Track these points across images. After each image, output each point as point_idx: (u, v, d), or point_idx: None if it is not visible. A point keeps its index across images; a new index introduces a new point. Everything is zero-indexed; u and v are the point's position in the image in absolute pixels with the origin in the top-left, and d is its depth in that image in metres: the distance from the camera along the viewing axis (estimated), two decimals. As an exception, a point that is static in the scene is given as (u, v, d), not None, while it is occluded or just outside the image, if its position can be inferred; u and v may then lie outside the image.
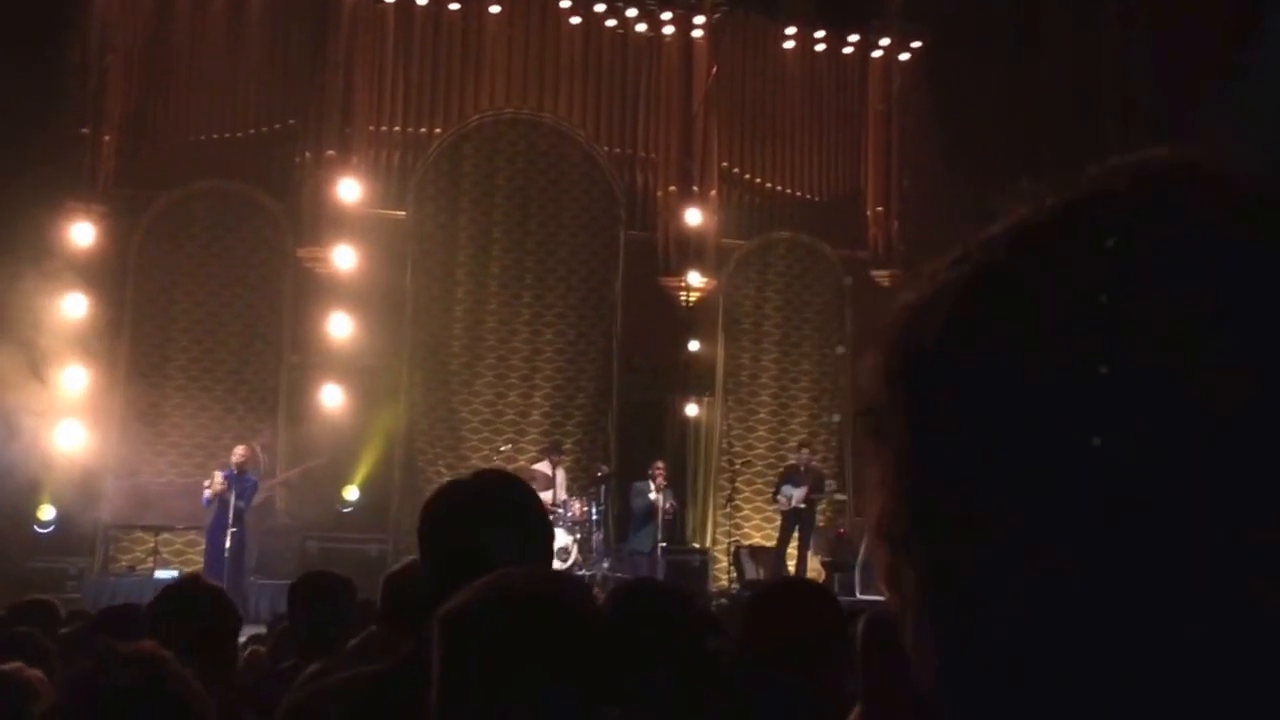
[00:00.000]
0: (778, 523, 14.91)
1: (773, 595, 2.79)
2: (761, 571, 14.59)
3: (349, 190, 15.15)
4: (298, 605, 4.17)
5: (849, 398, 16.48)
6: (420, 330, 15.49)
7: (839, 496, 15.42)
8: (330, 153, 15.43)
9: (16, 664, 2.84)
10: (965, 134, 16.48)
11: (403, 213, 15.58)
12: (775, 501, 14.72)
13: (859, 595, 14.31)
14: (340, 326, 14.81)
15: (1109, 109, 15.78)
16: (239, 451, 12.60)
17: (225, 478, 12.27)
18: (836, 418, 16.47)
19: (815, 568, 14.55)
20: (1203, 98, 10.46)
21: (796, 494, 14.46)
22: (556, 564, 12.67)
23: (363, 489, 14.31)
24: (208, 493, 12.22)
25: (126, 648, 1.83)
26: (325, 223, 15.20)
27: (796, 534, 14.58)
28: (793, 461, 15.17)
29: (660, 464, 13.99)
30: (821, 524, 15.60)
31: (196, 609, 3.23)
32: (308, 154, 15.45)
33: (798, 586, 2.98)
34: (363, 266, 15.00)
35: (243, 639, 4.70)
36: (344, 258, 14.96)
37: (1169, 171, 0.52)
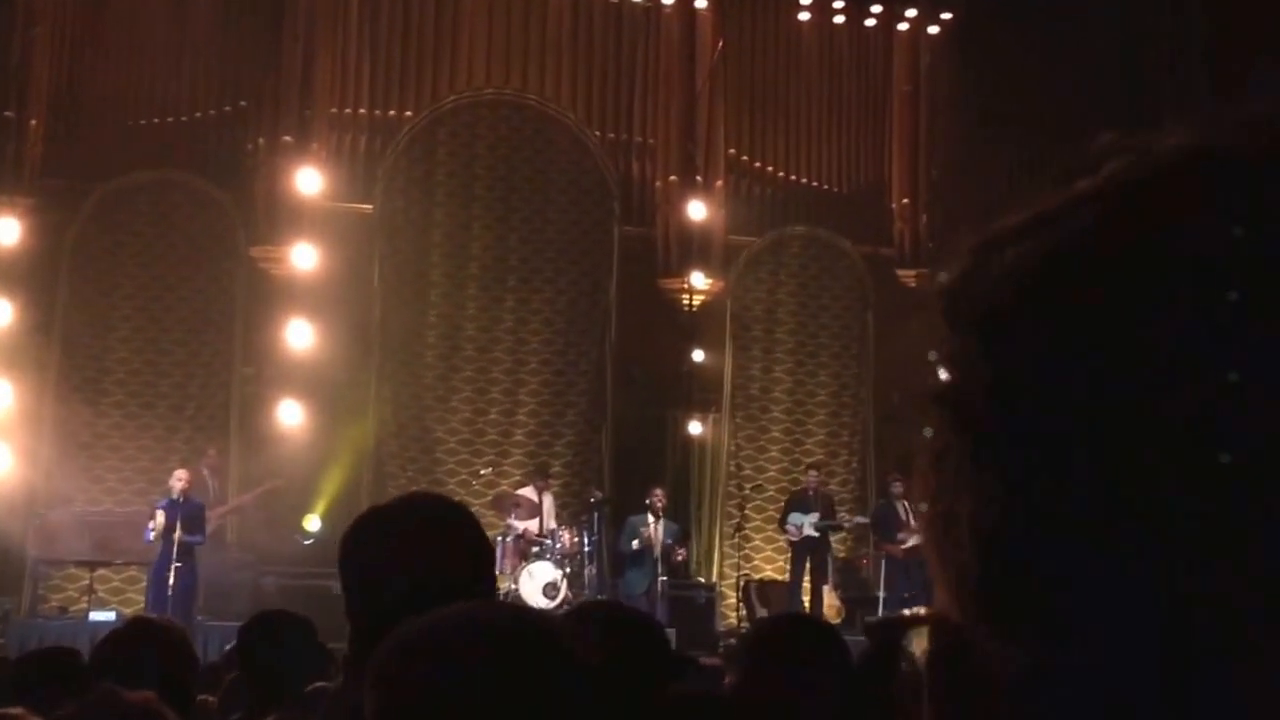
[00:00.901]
0: (790, 555, 14.86)
1: (765, 635, 2.79)
2: (771, 608, 14.54)
3: (309, 181, 15.14)
4: (250, 649, 4.14)
5: (871, 412, 16.47)
6: (390, 339, 15.48)
7: (859, 520, 15.37)
8: (287, 138, 15.42)
9: None
10: (1001, 117, 16.46)
11: (369, 206, 15.56)
12: (785, 532, 14.69)
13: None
14: (299, 335, 14.82)
15: (1159, 85, 15.76)
16: (179, 477, 12.53)
17: (162, 509, 12.20)
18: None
19: (833, 603, 14.51)
20: (1257, 69, 10.46)
21: (807, 521, 14.43)
22: (544, 602, 12.63)
23: (325, 518, 14.26)
24: (151, 534, 12.16)
25: (128, 696, 1.79)
26: (282, 217, 15.20)
27: (809, 567, 14.55)
28: (800, 486, 15.14)
29: (659, 491, 13.95)
30: (842, 554, 15.56)
31: (150, 655, 3.18)
32: (262, 140, 15.43)
33: (796, 626, 2.92)
34: (325, 267, 15.00)
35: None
36: (303, 257, 14.96)
37: None
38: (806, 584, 14.56)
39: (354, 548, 2.09)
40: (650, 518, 13.74)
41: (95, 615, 12.63)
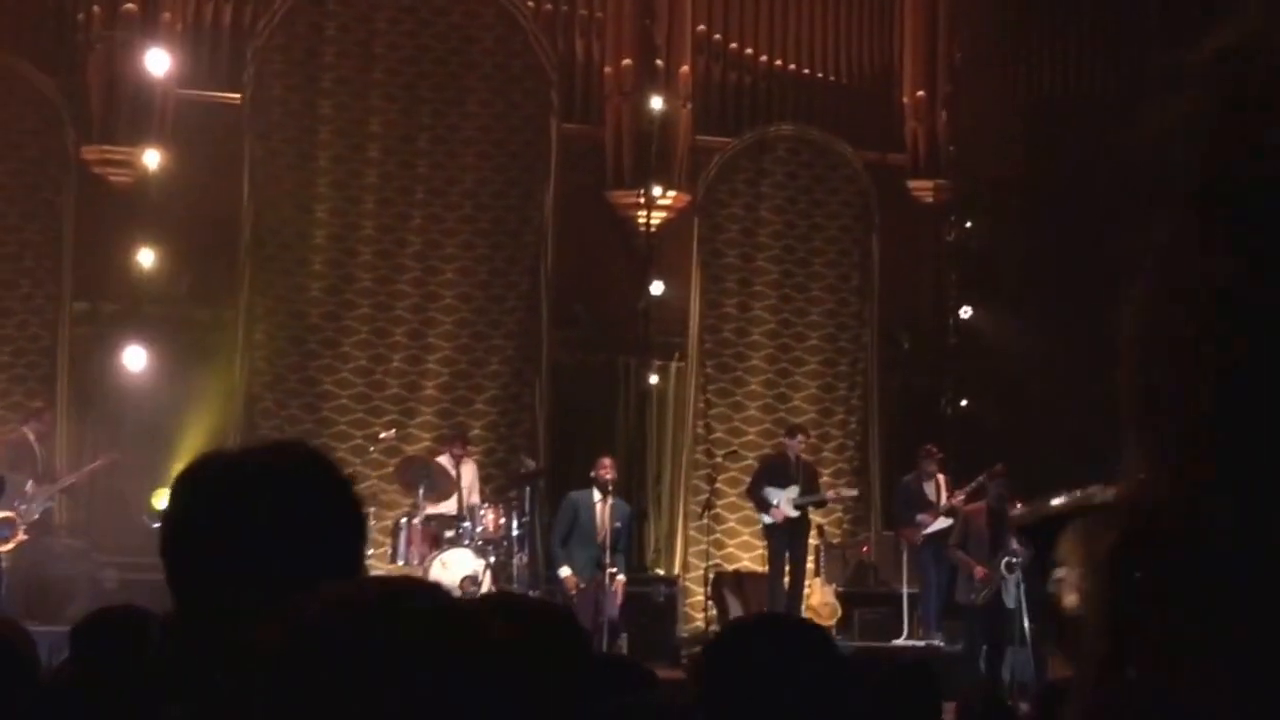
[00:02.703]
0: (767, 541, 14.93)
1: (735, 640, 2.83)
2: (746, 606, 14.64)
3: (157, 63, 14.95)
4: (85, 654, 4.21)
5: (874, 359, 16.54)
6: (265, 267, 15.38)
7: (848, 494, 15.44)
8: (130, 5, 15.19)
9: None
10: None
11: (236, 96, 15.39)
12: (763, 510, 14.68)
13: (904, 639, 14.36)
14: (147, 261, 14.72)
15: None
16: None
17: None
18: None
19: (826, 600, 14.62)
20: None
21: (784, 498, 14.45)
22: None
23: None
24: None
25: None
26: (123, 111, 15.06)
27: (788, 555, 14.63)
28: (778, 451, 15.16)
29: (606, 460, 13.94)
30: (837, 538, 15.65)
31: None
32: (96, 8, 15.20)
33: (772, 629, 2.98)
34: (179, 174, 14.87)
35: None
36: (151, 161, 14.82)
37: None
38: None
39: (187, 502, 2.10)
40: (596, 494, 13.73)
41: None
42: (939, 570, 14.07)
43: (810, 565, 14.99)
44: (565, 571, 13.50)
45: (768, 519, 14.61)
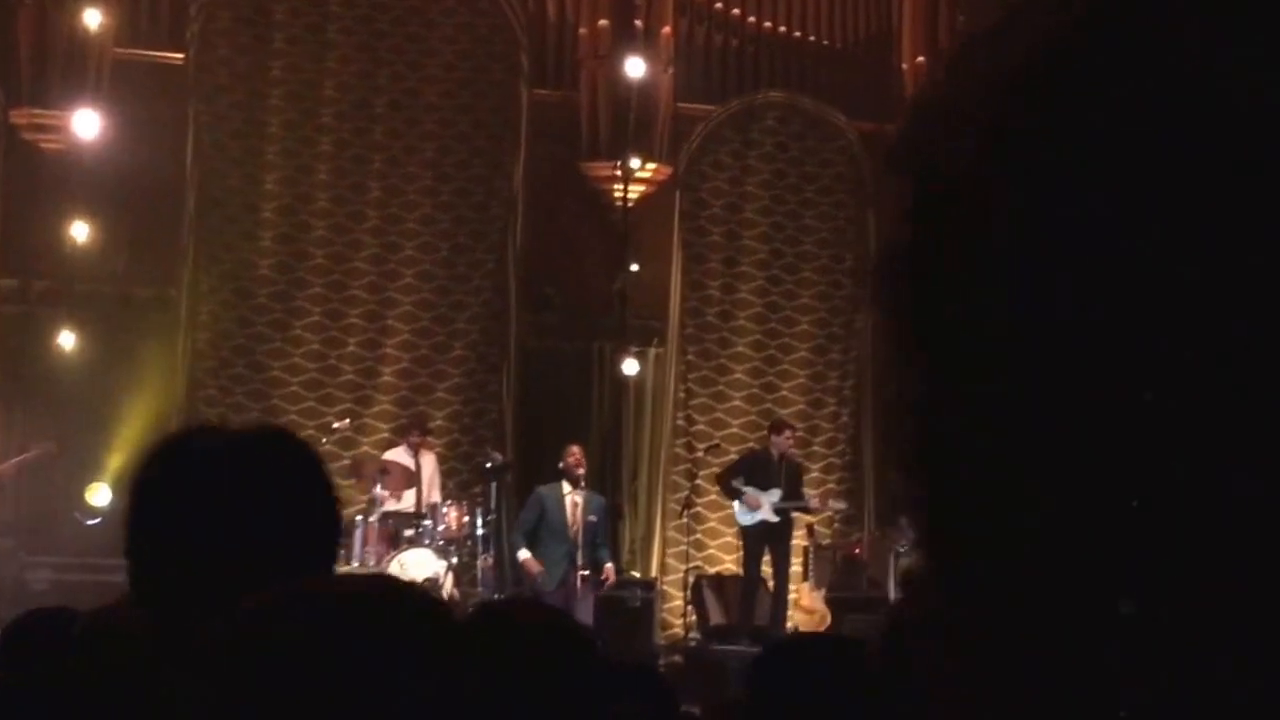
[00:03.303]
0: (743, 543, 14.93)
1: (773, 665, 2.88)
2: (729, 613, 14.67)
3: (92, 19, 14.91)
4: (10, 661, 4.09)
5: (869, 346, 16.56)
6: (209, 242, 15.38)
7: (837, 506, 15.62)
8: (64, -42, 15.14)
9: None
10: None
11: (180, 56, 15.38)
12: (733, 498, 14.63)
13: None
14: (81, 235, 14.70)
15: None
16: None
17: None
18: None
19: (815, 606, 14.65)
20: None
21: (765, 500, 14.42)
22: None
23: (119, 489, 14.15)
24: None
25: None
26: (55, 72, 15.00)
27: (768, 559, 14.66)
28: (761, 446, 15.16)
29: (575, 448, 13.93)
30: (827, 539, 15.67)
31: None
32: (28, -40, 15.14)
33: (810, 650, 2.97)
34: (116, 141, 14.83)
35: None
36: (86, 126, 14.76)
37: None
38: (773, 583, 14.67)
39: (151, 493, 2.12)
40: (566, 486, 13.74)
41: None
42: None
43: (798, 568, 15.00)
44: (525, 554, 13.46)
45: (743, 518, 14.55)
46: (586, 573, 13.62)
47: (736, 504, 14.58)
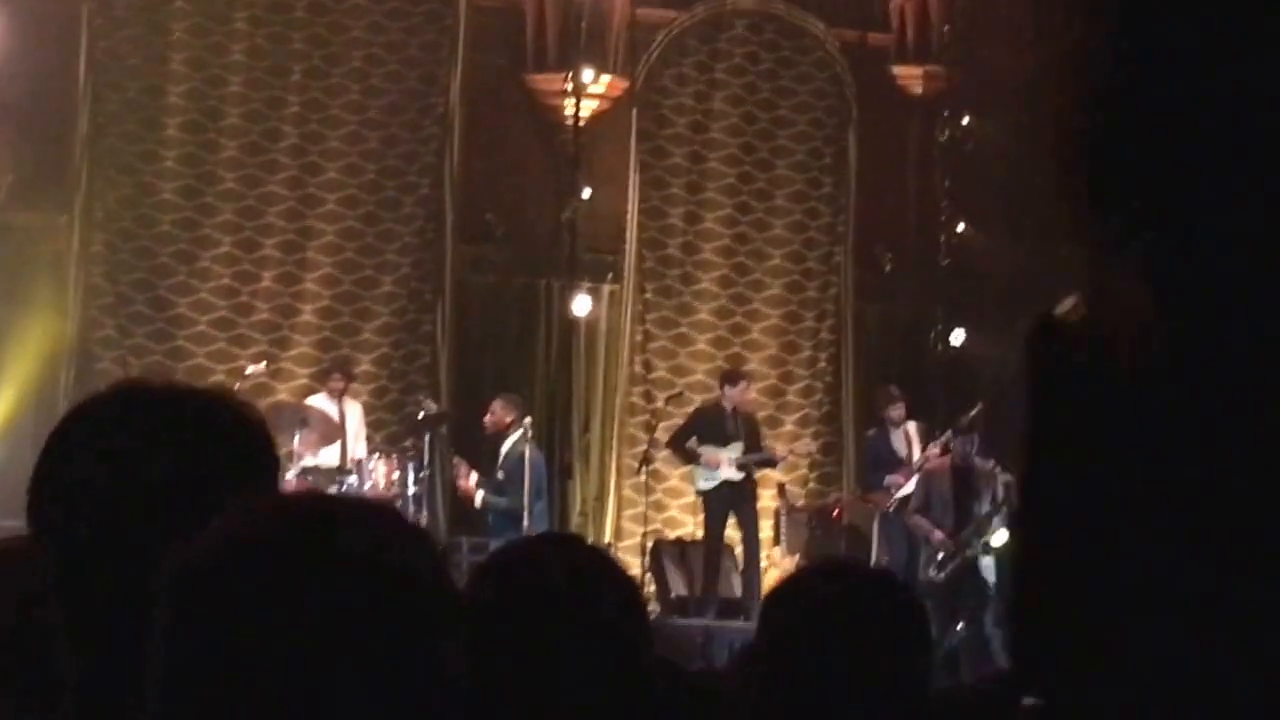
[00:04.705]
0: (705, 507, 14.98)
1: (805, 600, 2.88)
2: (693, 583, 14.74)
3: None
4: None
5: (849, 283, 16.59)
6: (105, 163, 15.35)
7: (803, 449, 15.68)
8: None
9: None
10: None
11: (71, -49, 15.24)
12: (690, 462, 14.71)
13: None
14: (-41, 153, 14.59)
15: None
16: None
17: None
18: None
19: (787, 573, 14.67)
20: None
21: (724, 456, 14.47)
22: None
23: (1, 443, 14.16)
24: None
25: None
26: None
27: (734, 522, 14.76)
28: (711, 399, 15.22)
29: (499, 402, 13.90)
30: (801, 500, 15.72)
31: None
32: None
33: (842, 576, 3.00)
34: (0, 49, 14.75)
35: None
36: (-35, 30, 14.63)
37: None
38: (739, 551, 14.73)
39: (73, 459, 2.16)
40: (507, 440, 13.81)
41: None
42: (904, 542, 14.07)
43: (768, 533, 15.06)
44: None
45: (702, 482, 14.60)
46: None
47: (695, 468, 14.63)
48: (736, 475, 14.54)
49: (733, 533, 14.84)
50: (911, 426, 14.70)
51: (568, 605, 2.30)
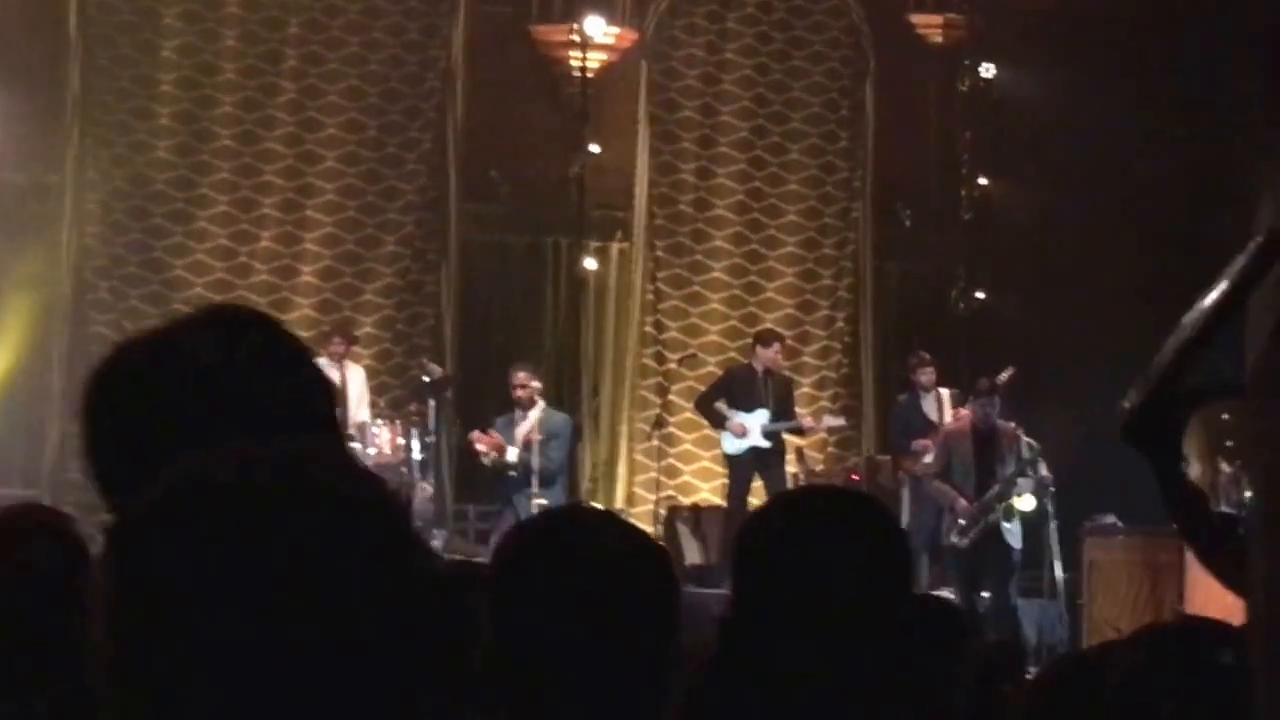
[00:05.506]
0: (730, 472, 14.98)
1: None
2: (708, 551, 14.74)
3: None
4: None
5: (868, 239, 16.58)
6: (98, 121, 15.36)
7: (834, 423, 15.61)
8: None
9: None
10: None
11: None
12: (717, 426, 14.70)
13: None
14: (-54, 111, 14.58)
15: None
16: None
17: None
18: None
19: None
20: None
21: (752, 422, 14.46)
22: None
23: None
24: None
25: None
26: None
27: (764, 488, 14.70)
28: (742, 362, 15.18)
29: (521, 374, 13.92)
30: (820, 464, 15.72)
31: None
32: None
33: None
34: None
35: None
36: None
37: None
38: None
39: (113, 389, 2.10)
40: (516, 411, 13.81)
41: None
42: (934, 506, 14.06)
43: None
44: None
45: (729, 445, 14.59)
46: (544, 502, 13.69)
47: (726, 429, 14.61)
48: (764, 443, 14.50)
49: (754, 500, 14.81)
50: (945, 392, 14.67)
51: (613, 575, 2.33)
